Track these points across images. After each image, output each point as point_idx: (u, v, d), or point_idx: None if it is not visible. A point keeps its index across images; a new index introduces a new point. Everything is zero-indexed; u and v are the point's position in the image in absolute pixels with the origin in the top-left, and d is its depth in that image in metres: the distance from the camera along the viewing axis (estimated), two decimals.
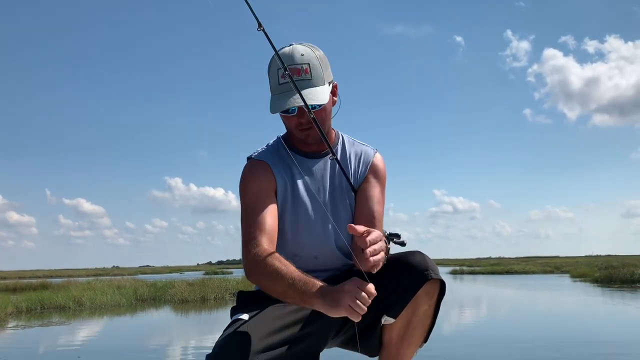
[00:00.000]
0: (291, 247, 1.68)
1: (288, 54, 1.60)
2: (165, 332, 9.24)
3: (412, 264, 1.56)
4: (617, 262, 27.81)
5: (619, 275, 20.29)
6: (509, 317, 10.45)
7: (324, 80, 1.63)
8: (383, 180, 1.79)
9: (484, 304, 13.44)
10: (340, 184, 1.74)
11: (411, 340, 1.64)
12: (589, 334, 7.53)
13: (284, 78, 1.58)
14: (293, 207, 1.69)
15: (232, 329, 1.42)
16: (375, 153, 1.80)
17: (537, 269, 36.79)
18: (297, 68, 1.59)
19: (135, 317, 12.61)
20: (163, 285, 17.83)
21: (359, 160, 1.78)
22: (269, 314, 1.48)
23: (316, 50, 1.65)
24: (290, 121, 1.65)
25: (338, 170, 1.73)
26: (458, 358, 5.64)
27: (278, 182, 1.69)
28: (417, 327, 1.62)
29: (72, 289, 16.48)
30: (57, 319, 11.86)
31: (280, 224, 1.67)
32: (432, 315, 1.63)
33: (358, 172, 1.76)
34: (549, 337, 7.10)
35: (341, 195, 1.73)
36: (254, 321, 1.44)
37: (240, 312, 1.52)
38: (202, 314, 12.95)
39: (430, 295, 1.58)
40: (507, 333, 7.87)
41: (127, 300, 15.84)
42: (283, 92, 1.59)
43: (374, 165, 1.77)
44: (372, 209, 1.70)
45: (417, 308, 1.58)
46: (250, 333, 1.37)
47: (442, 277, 1.59)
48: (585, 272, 25.36)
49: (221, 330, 1.51)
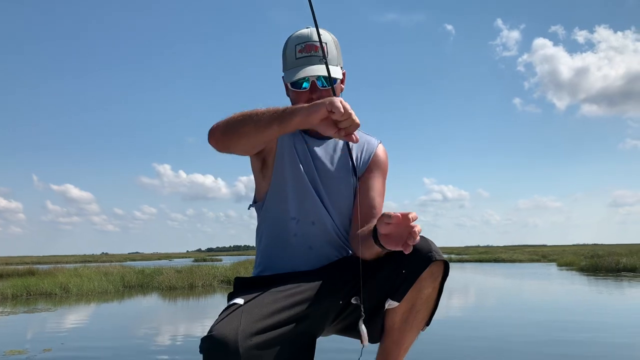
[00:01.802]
0: (290, 210, 1.69)
1: (307, 33, 1.70)
2: (153, 319, 9.21)
3: (416, 246, 1.53)
4: (603, 251, 28.15)
5: (604, 264, 20.55)
6: (492, 305, 10.53)
7: (338, 63, 1.72)
8: (384, 172, 1.82)
9: (469, 292, 13.54)
10: (344, 166, 1.76)
11: (414, 324, 1.63)
12: (572, 321, 7.61)
13: (302, 52, 1.67)
14: (293, 172, 1.71)
15: (227, 313, 1.42)
16: (379, 144, 1.84)
17: (524, 257, 37.16)
18: (315, 45, 1.67)
19: (122, 303, 12.56)
20: (151, 272, 17.78)
21: (362, 149, 1.80)
22: (265, 298, 1.48)
23: (332, 35, 1.74)
24: (301, 97, 1.69)
25: (342, 153, 1.77)
26: (444, 344, 5.67)
27: (280, 139, 1.71)
28: (421, 310, 1.62)
29: (59, 276, 16.36)
30: (43, 305, 11.78)
31: (282, 185, 1.70)
32: (435, 298, 1.63)
33: (360, 160, 1.79)
34: (533, 324, 7.17)
35: (346, 175, 1.75)
36: (249, 305, 1.44)
37: (236, 297, 1.52)
38: (190, 301, 12.93)
39: (435, 277, 1.58)
40: (490, 319, 7.93)
41: (114, 287, 15.79)
42: (299, 65, 1.66)
43: (376, 156, 1.80)
44: (373, 200, 1.73)
45: (421, 291, 1.58)
46: (245, 316, 1.38)
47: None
48: (572, 260, 25.67)
49: (209, 316, 1.50)
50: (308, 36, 1.69)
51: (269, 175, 1.74)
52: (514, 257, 37.76)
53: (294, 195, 1.69)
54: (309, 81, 1.68)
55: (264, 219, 1.78)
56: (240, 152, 1.60)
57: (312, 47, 1.67)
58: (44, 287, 14.67)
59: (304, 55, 1.67)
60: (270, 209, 1.74)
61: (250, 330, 1.34)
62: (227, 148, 1.55)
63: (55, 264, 28.34)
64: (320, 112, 1.35)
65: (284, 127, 1.42)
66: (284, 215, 1.70)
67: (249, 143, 1.53)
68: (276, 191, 1.72)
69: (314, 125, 1.39)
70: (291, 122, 1.41)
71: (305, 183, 1.70)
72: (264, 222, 1.78)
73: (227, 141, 1.53)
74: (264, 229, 1.78)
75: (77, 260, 59.74)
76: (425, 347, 5.33)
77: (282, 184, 1.70)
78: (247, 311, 1.41)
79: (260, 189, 1.78)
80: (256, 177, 1.79)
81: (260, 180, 1.77)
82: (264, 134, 1.46)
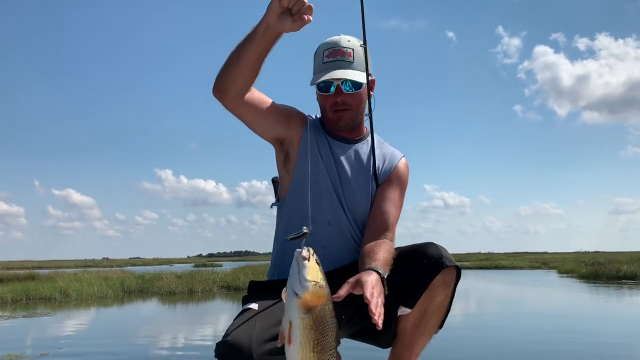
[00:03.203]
0: (308, 208, 1.72)
1: (336, 39, 1.77)
2: (152, 324, 9.20)
3: (427, 253, 1.58)
4: (603, 258, 28.04)
5: (604, 272, 20.45)
6: (491, 312, 10.51)
7: (364, 69, 1.76)
8: (403, 185, 1.84)
9: (469, 300, 13.51)
10: (365, 172, 1.79)
11: (426, 329, 1.66)
12: (571, 329, 7.59)
13: (328, 57, 1.73)
14: (315, 169, 1.74)
15: (242, 318, 1.45)
16: (402, 157, 1.87)
17: (525, 264, 37.01)
18: (342, 50, 1.74)
19: (122, 308, 12.55)
20: (151, 277, 17.76)
21: (385, 159, 1.83)
22: (279, 304, 1.50)
23: (361, 43, 1.79)
24: (326, 100, 1.76)
25: (365, 159, 1.80)
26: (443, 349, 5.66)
27: (305, 134, 1.76)
28: (433, 315, 1.64)
29: (59, 280, 16.34)
30: (42, 310, 11.77)
31: (302, 182, 1.73)
32: (448, 304, 1.65)
33: (381, 170, 1.81)
34: (532, 332, 7.15)
35: (365, 180, 1.78)
36: (264, 312, 1.47)
37: (250, 301, 1.56)
38: (190, 306, 12.92)
39: (447, 285, 1.60)
40: (489, 327, 7.92)
41: (113, 292, 15.76)
42: (326, 69, 1.72)
43: (397, 168, 1.83)
44: (387, 210, 1.75)
45: (433, 298, 1.60)
46: (259, 322, 1.41)
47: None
48: (572, 268, 25.55)
49: (208, 322, 1.53)
50: (336, 42, 1.76)
51: (291, 170, 1.76)
52: (514, 264, 37.62)
53: (313, 193, 1.71)
54: (334, 85, 1.72)
55: (282, 217, 1.81)
56: (238, 92, 1.61)
57: (339, 52, 1.74)
58: (44, 292, 14.64)
59: (331, 60, 1.73)
60: (289, 206, 1.77)
61: (264, 336, 1.37)
62: (225, 92, 1.59)
63: (55, 269, 28.33)
64: (273, 7, 1.43)
65: (252, 38, 1.50)
66: (301, 213, 1.71)
67: (237, 75, 1.56)
68: (296, 188, 1.75)
69: (275, 24, 1.45)
70: (257, 31, 1.49)
71: (325, 182, 1.73)
72: (282, 220, 1.81)
73: (223, 83, 1.58)
74: (282, 226, 1.80)
75: (77, 265, 59.66)
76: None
77: (303, 180, 1.73)
78: (262, 317, 1.44)
79: (283, 187, 1.81)
80: (280, 173, 1.83)
81: (284, 175, 1.80)
82: (244, 56, 1.53)
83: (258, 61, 1.56)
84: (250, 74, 1.58)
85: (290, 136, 1.75)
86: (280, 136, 1.75)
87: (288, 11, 1.44)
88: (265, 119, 1.69)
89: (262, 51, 1.53)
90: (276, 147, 1.80)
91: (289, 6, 1.43)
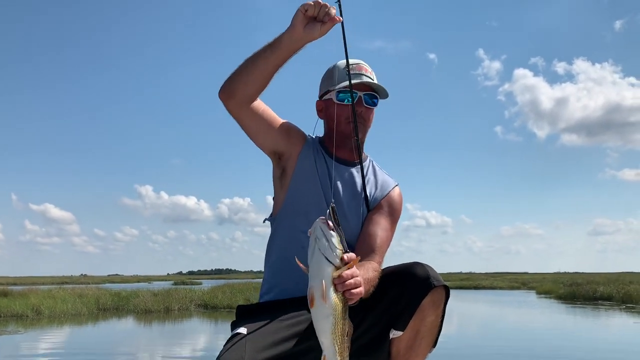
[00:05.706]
0: (302, 224, 1.66)
1: (356, 61, 1.78)
2: (127, 343, 9.02)
3: (415, 273, 1.57)
4: (582, 279, 28.34)
5: (581, 293, 20.68)
6: (467, 332, 10.52)
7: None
8: (395, 213, 1.82)
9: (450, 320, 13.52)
10: (357, 196, 1.78)
11: (420, 350, 1.64)
12: (546, 348, 7.62)
13: (353, 70, 1.72)
14: (311, 186, 1.73)
15: (231, 344, 1.44)
16: (396, 186, 1.86)
17: (505, 284, 37.27)
18: (366, 68, 1.78)
19: (96, 326, 12.31)
20: (127, 294, 17.47)
21: (377, 186, 1.83)
22: (268, 327, 1.50)
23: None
24: (344, 110, 1.75)
25: (359, 182, 1.79)
26: None
27: (304, 151, 1.76)
28: (425, 336, 1.62)
29: (32, 297, 15.98)
30: (13, 327, 11.49)
31: (297, 198, 1.73)
32: (439, 323, 1.63)
33: (372, 196, 1.80)
34: (510, 353, 7.16)
35: (357, 205, 1.77)
36: (253, 335, 1.46)
37: (239, 326, 1.54)
38: (165, 324, 12.71)
39: (437, 305, 1.59)
40: (469, 344, 7.92)
41: (88, 310, 15.48)
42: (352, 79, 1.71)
43: (390, 197, 1.83)
44: (375, 233, 1.73)
45: (424, 318, 1.58)
46: (249, 346, 1.40)
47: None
48: (551, 288, 25.78)
49: (185, 342, 1.52)
50: (358, 62, 1.78)
51: (286, 185, 1.75)
52: (494, 284, 37.90)
53: (308, 209, 1.69)
54: (357, 95, 1.73)
55: (276, 232, 1.79)
56: (246, 98, 1.61)
57: (363, 68, 1.77)
58: (15, 309, 14.32)
59: (357, 73, 1.74)
60: (283, 221, 1.76)
61: (256, 358, 1.37)
62: (233, 95, 1.60)
63: (31, 285, 27.67)
64: (298, 18, 1.46)
65: (275, 49, 1.52)
66: (296, 228, 1.69)
67: (250, 81, 1.57)
68: (291, 203, 1.74)
69: (301, 34, 1.48)
70: (281, 42, 1.50)
71: (320, 199, 1.71)
72: (276, 234, 1.79)
73: (233, 86, 1.59)
74: (275, 242, 1.79)
75: (54, 281, 58.43)
76: None
77: (298, 196, 1.72)
78: (252, 339, 1.43)
79: (277, 202, 1.79)
80: (275, 188, 1.81)
81: (279, 190, 1.79)
82: (261, 65, 1.54)
83: (273, 71, 1.58)
84: (262, 82, 1.60)
85: (289, 151, 1.75)
86: (280, 150, 1.74)
87: (313, 19, 1.48)
88: (268, 130, 1.69)
89: (280, 62, 1.56)
90: (274, 161, 1.79)
91: (314, 14, 1.47)
